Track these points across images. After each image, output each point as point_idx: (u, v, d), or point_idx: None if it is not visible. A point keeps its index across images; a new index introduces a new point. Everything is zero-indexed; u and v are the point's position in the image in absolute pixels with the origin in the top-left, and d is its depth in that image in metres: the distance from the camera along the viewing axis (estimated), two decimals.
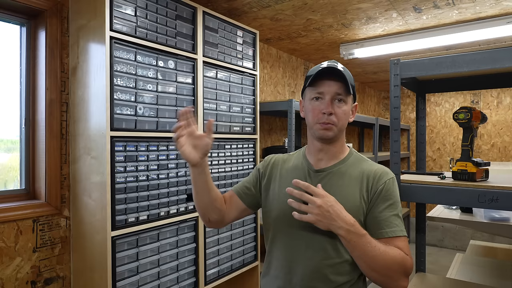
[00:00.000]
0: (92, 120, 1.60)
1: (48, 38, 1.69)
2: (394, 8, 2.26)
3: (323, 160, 1.08)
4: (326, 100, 1.01)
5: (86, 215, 1.64)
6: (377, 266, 0.92)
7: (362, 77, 4.57)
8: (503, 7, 2.25)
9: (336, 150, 1.08)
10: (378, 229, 0.98)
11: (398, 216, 1.00)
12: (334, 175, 1.05)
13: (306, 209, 0.92)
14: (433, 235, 4.87)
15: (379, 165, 1.08)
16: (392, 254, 0.92)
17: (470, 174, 1.43)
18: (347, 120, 1.06)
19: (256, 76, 2.40)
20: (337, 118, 1.02)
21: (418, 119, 1.97)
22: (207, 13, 2.00)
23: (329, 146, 1.07)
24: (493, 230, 2.00)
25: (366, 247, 0.91)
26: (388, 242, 0.96)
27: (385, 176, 1.03)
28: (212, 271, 2.03)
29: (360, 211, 1.00)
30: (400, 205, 1.03)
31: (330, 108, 1.00)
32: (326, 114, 1.01)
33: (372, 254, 0.91)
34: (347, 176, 1.05)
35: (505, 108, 4.50)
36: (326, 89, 1.01)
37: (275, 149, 2.89)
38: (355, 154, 1.12)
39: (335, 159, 1.08)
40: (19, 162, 1.74)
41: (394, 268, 0.92)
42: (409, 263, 0.95)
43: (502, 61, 1.30)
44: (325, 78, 1.02)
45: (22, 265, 1.59)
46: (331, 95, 1.01)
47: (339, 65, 1.05)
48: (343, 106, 1.03)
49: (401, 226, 0.99)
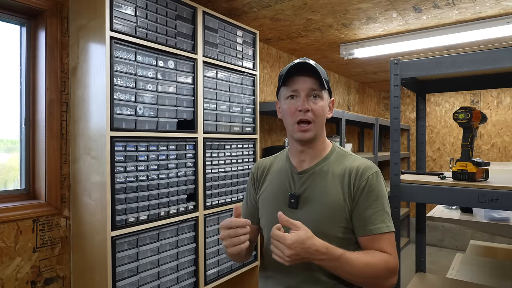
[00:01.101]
0: (92, 120, 1.60)
1: (48, 38, 1.69)
2: (394, 8, 2.26)
3: (305, 161, 1.07)
4: (302, 97, 1.00)
5: (86, 215, 1.64)
6: (361, 278, 0.94)
7: (362, 77, 4.57)
8: (503, 7, 2.25)
9: (318, 148, 1.07)
10: (364, 227, 0.98)
11: (383, 211, 0.99)
12: (317, 175, 1.04)
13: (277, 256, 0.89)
14: (433, 235, 4.87)
15: (362, 160, 1.05)
16: (373, 263, 0.93)
17: (470, 174, 1.43)
18: (325, 116, 1.04)
19: (256, 76, 2.40)
20: (314, 115, 1.00)
21: (418, 119, 1.97)
22: (207, 13, 2.00)
23: (310, 145, 1.05)
24: (493, 230, 2.00)
25: (345, 267, 0.91)
26: (374, 239, 0.97)
27: (367, 171, 1.01)
28: (212, 271, 2.03)
29: (344, 210, 0.99)
30: (386, 199, 1.01)
31: (306, 105, 0.99)
32: (303, 111, 0.99)
33: (352, 271, 0.92)
34: (330, 175, 1.03)
35: (505, 108, 4.50)
36: (300, 86, 1.00)
37: (275, 149, 2.89)
38: (338, 149, 1.10)
39: (317, 157, 1.06)
40: (19, 162, 1.74)
41: (378, 274, 0.94)
42: (393, 263, 0.96)
43: (502, 61, 1.30)
44: (298, 75, 1.00)
45: (22, 265, 1.59)
46: (305, 91, 1.00)
47: (310, 60, 1.03)
48: (319, 101, 1.01)
49: (387, 221, 0.98)
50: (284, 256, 0.87)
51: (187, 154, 1.89)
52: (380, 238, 0.97)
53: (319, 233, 0.95)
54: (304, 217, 1.00)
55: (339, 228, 0.99)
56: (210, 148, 2.04)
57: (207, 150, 2.01)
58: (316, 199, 1.02)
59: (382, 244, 0.97)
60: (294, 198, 1.03)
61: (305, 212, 1.02)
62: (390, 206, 1.03)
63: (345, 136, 3.30)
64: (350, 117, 3.18)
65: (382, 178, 1.04)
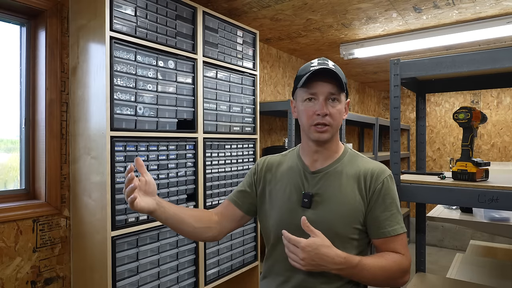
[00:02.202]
0: (92, 120, 1.60)
1: (48, 38, 1.69)
2: (394, 8, 2.26)
3: (318, 161, 1.06)
4: (320, 101, 0.99)
5: (86, 215, 1.64)
6: (376, 281, 0.97)
7: (362, 77, 4.57)
8: (503, 7, 2.25)
9: (332, 149, 1.07)
10: (380, 229, 0.99)
11: (398, 213, 1.01)
12: (330, 175, 1.04)
13: (293, 260, 0.91)
14: (433, 235, 4.87)
15: (375, 163, 1.06)
16: (388, 266, 0.96)
17: (470, 174, 1.43)
18: (341, 118, 1.03)
19: (256, 76, 2.40)
20: (332, 118, 1.00)
21: (418, 119, 1.97)
22: (207, 13, 2.00)
23: (325, 146, 1.05)
24: (493, 230, 1.99)
25: (362, 274, 0.93)
26: (389, 241, 0.99)
27: (382, 174, 1.02)
28: (212, 271, 2.03)
29: (358, 212, 1.00)
30: (398, 200, 1.04)
31: (325, 109, 0.98)
32: (321, 116, 0.98)
33: (369, 276, 0.94)
34: (344, 176, 1.03)
35: (505, 108, 4.50)
36: (320, 90, 0.99)
37: (275, 149, 2.89)
38: (350, 151, 1.11)
39: (330, 158, 1.06)
40: (19, 162, 1.74)
41: (392, 276, 0.97)
42: (405, 263, 0.99)
43: (502, 61, 1.30)
44: (318, 78, 0.99)
45: (22, 265, 1.59)
46: (324, 95, 0.99)
47: (330, 62, 1.02)
48: (337, 105, 1.00)
49: (401, 222, 1.01)
50: (299, 260, 0.89)
51: (187, 154, 1.89)
52: (394, 240, 0.99)
53: (331, 233, 0.96)
54: (317, 217, 1.00)
55: (351, 230, 1.00)
56: (210, 148, 2.04)
57: (207, 150, 2.01)
58: (329, 199, 1.01)
59: (396, 245, 0.99)
60: (308, 197, 1.02)
61: (318, 212, 1.01)
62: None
63: (345, 136, 3.30)
64: (350, 117, 3.18)
65: (394, 181, 1.06)
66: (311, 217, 0.98)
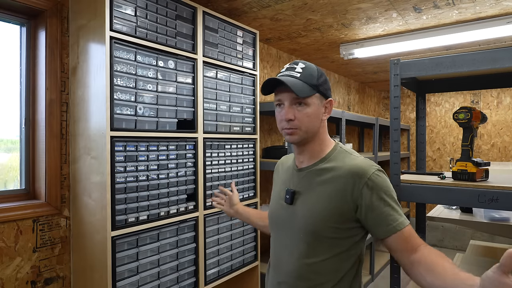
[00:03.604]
0: (92, 120, 1.60)
1: (48, 38, 1.69)
2: (394, 8, 2.26)
3: (304, 161, 1.09)
4: (286, 106, 1.01)
5: (86, 215, 1.64)
6: None
7: (362, 77, 4.57)
8: (503, 7, 2.25)
9: (314, 149, 1.07)
10: (386, 226, 0.95)
11: (396, 204, 0.98)
12: (312, 174, 1.05)
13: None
14: (433, 235, 4.87)
15: (363, 159, 1.03)
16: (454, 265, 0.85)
17: (470, 174, 1.43)
18: (312, 121, 1.02)
19: (256, 76, 2.40)
20: (300, 122, 1.00)
21: (418, 119, 1.97)
22: (207, 13, 2.00)
23: (305, 147, 1.07)
24: (493, 230, 2.00)
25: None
26: (401, 238, 0.94)
27: (370, 170, 0.98)
28: (212, 271, 2.03)
29: (339, 210, 0.97)
30: (393, 191, 1.00)
31: (290, 115, 1.00)
32: (285, 121, 1.01)
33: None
34: (326, 174, 1.02)
35: (505, 108, 4.50)
36: (283, 96, 1.01)
37: (275, 149, 2.89)
38: (339, 149, 1.08)
39: (314, 158, 1.07)
40: (19, 162, 1.74)
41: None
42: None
43: (502, 61, 1.30)
44: (281, 84, 1.00)
45: (22, 265, 1.59)
46: (289, 101, 1.00)
47: (298, 67, 1.02)
48: (304, 109, 1.00)
49: (402, 214, 0.98)
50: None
51: (187, 154, 1.89)
52: (403, 232, 0.94)
53: (307, 230, 0.99)
54: (296, 213, 1.04)
55: (329, 228, 0.98)
56: (210, 148, 2.04)
57: (207, 150, 2.01)
58: (308, 197, 1.03)
59: (411, 239, 0.94)
60: (289, 194, 1.07)
61: (297, 208, 1.05)
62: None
63: (345, 136, 3.30)
64: (350, 117, 3.18)
65: (385, 174, 1.03)
66: (291, 213, 1.04)
